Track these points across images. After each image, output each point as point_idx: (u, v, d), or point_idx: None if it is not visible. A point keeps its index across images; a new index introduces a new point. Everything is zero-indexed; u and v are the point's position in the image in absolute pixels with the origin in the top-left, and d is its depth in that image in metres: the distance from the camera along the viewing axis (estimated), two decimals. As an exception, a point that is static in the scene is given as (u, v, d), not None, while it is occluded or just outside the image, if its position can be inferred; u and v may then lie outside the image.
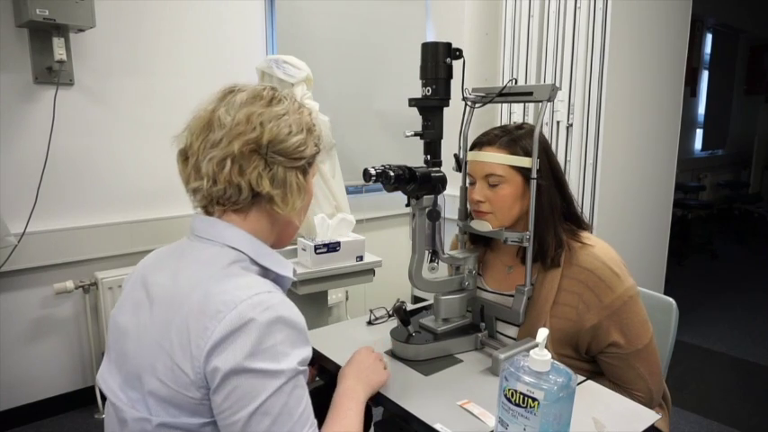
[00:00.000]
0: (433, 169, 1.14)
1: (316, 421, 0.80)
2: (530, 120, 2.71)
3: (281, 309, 0.77)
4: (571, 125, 2.49)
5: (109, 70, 2.24)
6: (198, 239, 0.87)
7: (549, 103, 1.16)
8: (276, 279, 0.89)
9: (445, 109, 1.18)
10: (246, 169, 0.83)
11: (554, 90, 1.15)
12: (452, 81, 1.17)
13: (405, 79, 3.03)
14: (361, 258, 2.17)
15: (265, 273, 0.87)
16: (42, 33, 2.04)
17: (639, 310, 1.17)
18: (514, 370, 0.81)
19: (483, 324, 1.26)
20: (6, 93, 2.04)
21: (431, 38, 3.27)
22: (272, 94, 0.88)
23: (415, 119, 1.18)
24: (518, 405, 0.79)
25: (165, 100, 2.38)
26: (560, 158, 2.50)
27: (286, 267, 0.91)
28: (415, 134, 1.17)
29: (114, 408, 0.84)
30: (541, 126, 1.15)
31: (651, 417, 1.00)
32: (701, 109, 6.35)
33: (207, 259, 0.83)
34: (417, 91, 1.17)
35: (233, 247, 0.84)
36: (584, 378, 1.14)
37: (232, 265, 0.82)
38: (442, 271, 1.33)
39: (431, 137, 1.17)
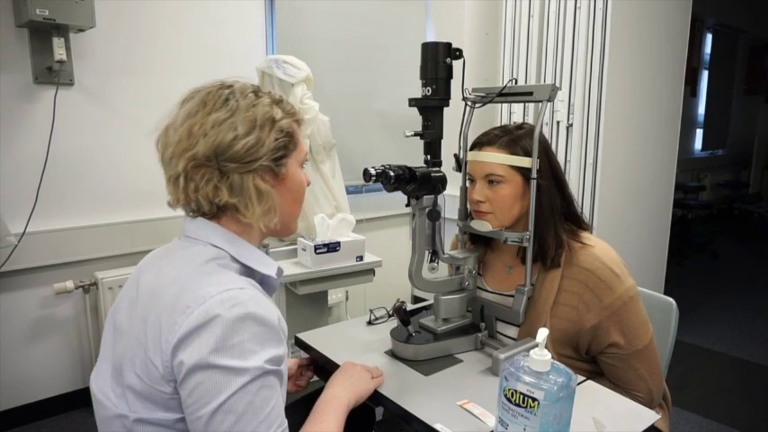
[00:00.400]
0: (433, 169, 1.14)
1: (286, 422, 0.79)
2: (530, 120, 2.71)
3: (252, 305, 0.75)
4: (571, 125, 2.49)
5: (109, 70, 2.24)
6: (186, 239, 0.88)
7: (549, 103, 1.16)
8: (263, 279, 0.89)
9: (445, 109, 1.18)
10: (200, 184, 0.82)
11: (554, 90, 1.15)
12: (452, 81, 1.17)
13: (405, 79, 3.03)
14: (361, 258, 2.17)
15: (250, 272, 0.87)
16: (42, 33, 2.04)
17: (639, 311, 1.17)
18: (514, 370, 0.81)
19: (483, 324, 1.26)
20: (6, 93, 2.04)
21: (431, 38, 3.27)
22: (217, 97, 0.84)
23: (415, 119, 1.18)
24: (518, 405, 0.79)
25: (165, 100, 2.32)
26: (560, 158, 2.50)
27: (269, 266, 0.90)
28: (415, 134, 1.17)
29: (99, 405, 0.86)
30: (541, 126, 1.15)
31: (651, 417, 1.00)
32: (701, 109, 6.35)
33: (188, 257, 0.84)
34: (417, 91, 1.17)
35: (215, 245, 0.85)
36: (584, 378, 1.14)
37: (210, 262, 0.82)
38: (442, 271, 1.33)
39: (431, 137, 1.17)
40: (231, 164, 0.82)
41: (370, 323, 1.41)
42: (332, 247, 2.08)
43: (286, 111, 0.89)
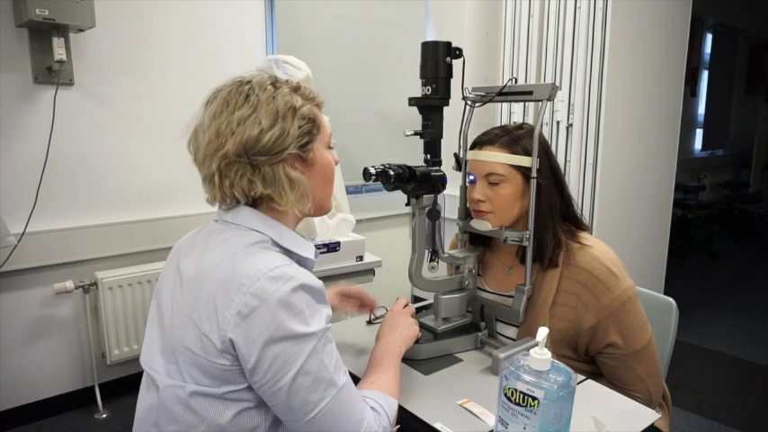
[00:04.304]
0: (433, 168, 1.14)
1: (345, 367, 0.86)
2: (529, 120, 2.71)
3: (302, 277, 0.81)
4: (571, 125, 2.49)
5: (109, 70, 2.24)
6: (224, 224, 0.91)
7: (548, 103, 1.16)
8: (300, 261, 0.92)
9: (445, 108, 1.18)
10: (234, 180, 0.86)
11: (554, 89, 1.15)
12: (452, 80, 1.17)
13: (405, 79, 3.03)
14: (361, 258, 2.17)
15: (289, 254, 0.90)
16: (42, 33, 2.04)
17: (638, 312, 1.17)
18: (514, 369, 0.81)
19: (483, 323, 1.26)
20: (6, 93, 2.04)
21: (431, 38, 3.27)
22: (238, 94, 0.86)
23: (415, 118, 1.18)
24: (518, 404, 0.79)
25: (165, 100, 2.38)
26: (560, 158, 2.50)
27: (308, 249, 0.94)
28: (415, 133, 1.17)
29: (149, 378, 0.89)
30: (541, 125, 1.15)
31: (651, 416, 1.00)
32: (701, 109, 6.35)
33: (231, 240, 0.87)
34: (417, 90, 1.17)
35: (255, 230, 0.88)
36: (583, 377, 1.14)
37: (254, 245, 0.86)
38: (442, 270, 1.33)
39: (431, 136, 1.17)
40: (261, 157, 0.85)
41: (369, 322, 1.41)
42: (332, 247, 2.08)
43: (305, 97, 0.92)
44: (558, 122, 2.53)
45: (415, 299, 3.16)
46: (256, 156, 0.84)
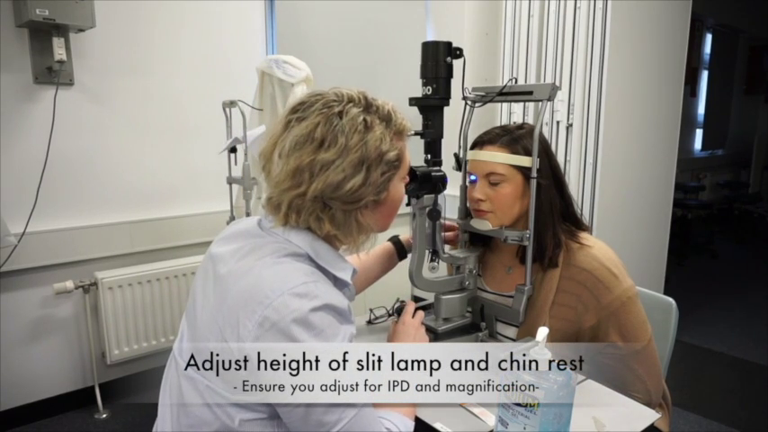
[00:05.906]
0: (434, 168, 1.14)
1: None
2: (530, 120, 2.71)
3: (326, 296, 0.80)
4: (571, 125, 2.49)
5: (109, 70, 2.24)
6: (267, 231, 0.89)
7: (549, 103, 1.15)
8: (336, 279, 0.91)
9: (445, 108, 1.18)
10: (302, 214, 0.84)
11: (554, 89, 1.15)
12: (452, 80, 1.17)
13: (405, 79, 3.02)
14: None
15: (323, 271, 0.88)
16: (42, 33, 2.04)
17: (638, 312, 1.17)
18: (515, 369, 0.81)
19: (483, 323, 1.26)
20: (6, 93, 2.04)
21: (431, 38, 3.27)
22: (326, 129, 0.82)
23: (415, 118, 1.18)
24: (518, 404, 0.79)
25: (164, 100, 2.38)
26: (560, 158, 2.50)
27: (343, 270, 0.91)
28: (416, 133, 1.17)
29: (176, 361, 0.90)
30: (541, 125, 1.15)
31: (651, 416, 1.00)
32: (701, 109, 6.35)
33: (266, 248, 0.86)
34: (417, 90, 1.17)
35: (292, 242, 0.87)
36: (583, 377, 1.14)
37: (286, 255, 0.85)
38: (443, 270, 1.33)
39: (431, 136, 1.17)
40: (336, 201, 0.84)
41: (370, 322, 1.41)
42: (332, 247, 2.07)
43: (396, 129, 0.89)
44: (558, 122, 2.53)
45: (416, 299, 3.16)
46: (331, 200, 0.83)
